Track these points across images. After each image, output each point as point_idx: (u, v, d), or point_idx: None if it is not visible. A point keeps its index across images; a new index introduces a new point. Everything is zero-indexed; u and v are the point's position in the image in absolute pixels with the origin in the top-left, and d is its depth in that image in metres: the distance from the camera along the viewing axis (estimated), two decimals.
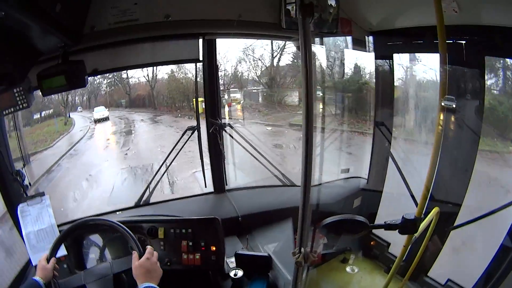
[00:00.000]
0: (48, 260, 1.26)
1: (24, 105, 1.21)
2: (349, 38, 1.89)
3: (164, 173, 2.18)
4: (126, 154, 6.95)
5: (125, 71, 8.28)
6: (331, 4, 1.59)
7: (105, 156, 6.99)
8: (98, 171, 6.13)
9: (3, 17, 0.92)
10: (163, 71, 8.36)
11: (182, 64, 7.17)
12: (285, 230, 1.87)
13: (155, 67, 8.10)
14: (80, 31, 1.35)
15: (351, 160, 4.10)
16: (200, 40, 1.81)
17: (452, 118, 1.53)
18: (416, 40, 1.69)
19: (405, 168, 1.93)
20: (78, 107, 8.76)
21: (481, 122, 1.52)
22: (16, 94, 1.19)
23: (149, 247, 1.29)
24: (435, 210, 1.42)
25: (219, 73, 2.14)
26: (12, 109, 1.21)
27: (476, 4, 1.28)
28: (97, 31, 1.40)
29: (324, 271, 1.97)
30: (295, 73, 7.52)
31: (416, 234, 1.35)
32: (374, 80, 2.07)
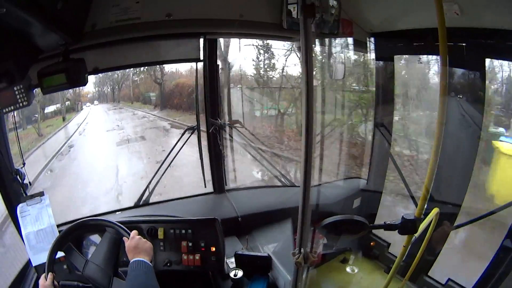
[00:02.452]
0: (46, 276, 1.24)
1: (24, 103, 1.20)
2: (350, 39, 1.90)
3: (164, 173, 2.17)
4: None
5: None
6: (332, 5, 1.60)
7: None
8: None
9: (3, 13, 0.91)
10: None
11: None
12: (285, 231, 1.86)
13: None
14: (81, 29, 1.34)
15: None
16: (201, 40, 1.81)
17: (452, 119, 1.54)
18: (417, 42, 1.69)
19: (404, 168, 1.93)
20: (95, 101, 7.09)
21: (481, 123, 1.54)
22: (16, 92, 1.18)
23: (133, 231, 1.35)
24: (434, 210, 1.42)
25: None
26: (12, 107, 1.20)
27: (477, 7, 1.29)
28: (99, 30, 1.39)
29: (324, 271, 1.97)
30: None
31: (416, 235, 1.35)
32: (375, 81, 2.07)
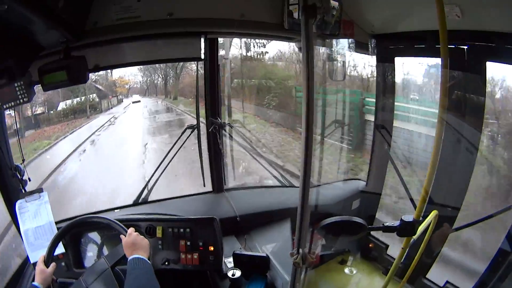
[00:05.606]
0: (46, 263, 1.24)
1: (24, 99, 1.20)
2: (351, 41, 1.90)
3: (163, 171, 2.17)
4: None
5: None
6: (334, 6, 1.60)
7: None
8: None
9: (5, 10, 0.91)
10: None
11: None
12: (283, 231, 1.87)
13: None
14: (82, 27, 1.35)
15: None
16: (202, 39, 1.81)
17: (452, 122, 1.54)
18: (418, 44, 1.69)
19: (404, 171, 1.93)
20: (135, 95, 6.02)
21: (481, 127, 1.53)
22: (17, 88, 1.19)
23: (130, 228, 1.36)
24: (433, 213, 1.42)
25: None
26: (13, 103, 1.20)
27: (479, 10, 1.29)
28: (100, 27, 1.40)
29: (322, 272, 1.97)
30: None
31: (415, 237, 1.35)
32: (376, 82, 2.07)
